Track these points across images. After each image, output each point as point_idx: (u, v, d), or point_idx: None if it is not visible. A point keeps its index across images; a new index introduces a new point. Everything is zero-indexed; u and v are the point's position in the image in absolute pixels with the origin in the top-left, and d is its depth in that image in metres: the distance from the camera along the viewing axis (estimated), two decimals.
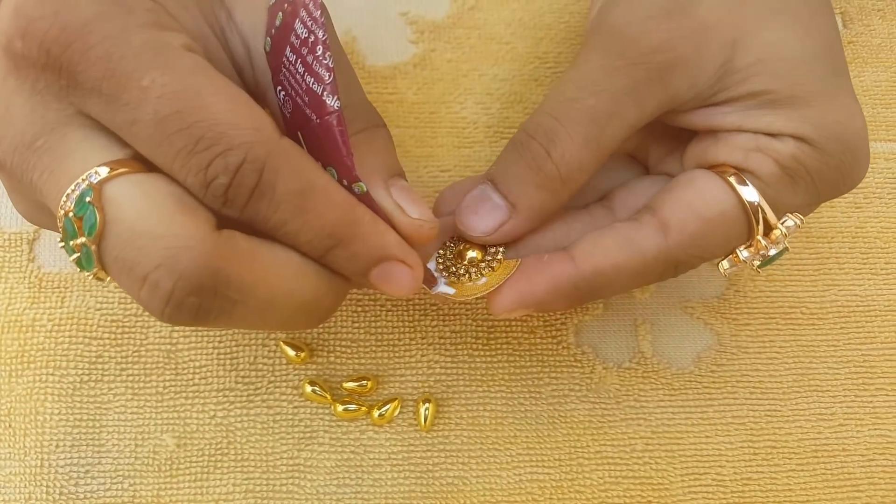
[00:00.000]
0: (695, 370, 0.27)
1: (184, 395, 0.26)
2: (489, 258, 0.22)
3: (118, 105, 0.16)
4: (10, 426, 0.25)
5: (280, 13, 0.19)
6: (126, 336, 0.27)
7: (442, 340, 0.27)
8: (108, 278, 0.17)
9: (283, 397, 0.26)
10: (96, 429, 0.26)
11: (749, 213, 0.20)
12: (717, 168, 0.21)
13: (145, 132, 0.16)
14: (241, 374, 0.26)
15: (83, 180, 0.17)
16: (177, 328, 0.27)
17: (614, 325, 0.28)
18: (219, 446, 0.26)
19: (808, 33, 0.21)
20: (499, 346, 0.27)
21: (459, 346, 0.27)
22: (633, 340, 0.27)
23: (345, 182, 0.19)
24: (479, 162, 0.29)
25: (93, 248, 0.17)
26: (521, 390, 0.27)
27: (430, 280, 0.22)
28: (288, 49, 0.18)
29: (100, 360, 0.26)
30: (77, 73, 0.16)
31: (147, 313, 0.27)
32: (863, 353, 0.28)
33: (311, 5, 0.18)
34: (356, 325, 0.27)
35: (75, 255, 0.17)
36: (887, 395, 0.27)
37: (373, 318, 0.27)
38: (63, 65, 0.16)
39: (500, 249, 0.22)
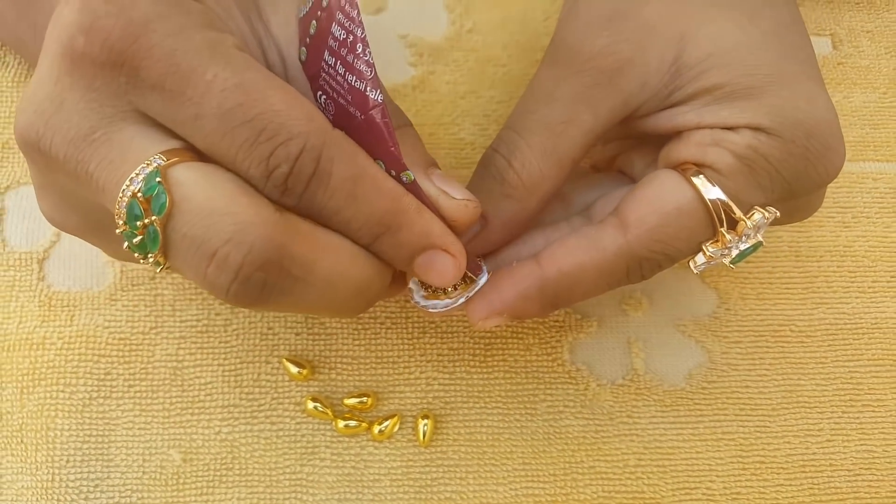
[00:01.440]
0: (686, 387, 0.28)
1: (190, 411, 0.27)
2: (464, 278, 0.22)
3: (182, 100, 0.17)
4: (21, 441, 0.26)
5: (314, 21, 0.20)
6: (134, 353, 0.27)
7: (440, 358, 0.28)
8: (166, 265, 0.18)
9: (286, 413, 0.27)
10: (105, 444, 0.26)
11: (709, 208, 0.20)
12: (679, 167, 0.21)
13: (210, 125, 0.17)
14: (246, 390, 0.27)
15: (148, 164, 0.17)
16: (183, 346, 0.27)
17: (608, 343, 0.28)
18: (224, 461, 0.26)
19: (754, 22, 0.21)
20: (495, 363, 0.28)
21: (457, 364, 0.28)
22: (627, 357, 0.28)
23: (392, 172, 0.19)
24: None
25: (160, 227, 0.17)
26: (517, 407, 0.27)
27: (475, 268, 0.22)
28: (326, 53, 0.19)
29: (108, 376, 0.27)
30: (140, 69, 0.17)
31: (154, 331, 0.27)
32: (850, 369, 0.28)
33: (346, 6, 0.18)
34: (357, 342, 0.28)
35: (138, 238, 0.18)
36: (874, 411, 0.28)
37: (373, 336, 0.28)
38: (126, 61, 0.17)
39: (478, 261, 0.23)
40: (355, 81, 0.18)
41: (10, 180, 0.29)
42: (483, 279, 0.22)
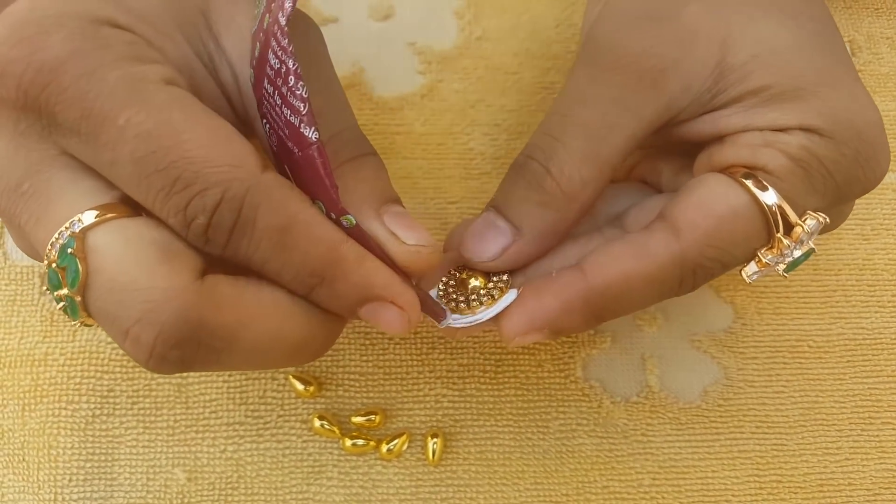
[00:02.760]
0: (702, 404, 0.27)
1: (194, 429, 0.26)
2: (490, 286, 0.21)
3: (97, 145, 0.16)
4: (23, 459, 0.26)
5: (258, 43, 0.18)
6: (137, 370, 0.27)
7: (450, 374, 0.27)
8: (96, 324, 0.17)
9: (293, 431, 0.26)
10: (108, 462, 0.26)
11: (765, 211, 0.19)
12: (726, 170, 0.20)
13: (125, 172, 0.16)
14: (251, 408, 0.27)
15: (66, 229, 0.16)
16: None
17: (622, 359, 0.28)
18: (229, 480, 0.26)
19: (799, 23, 0.21)
20: (506, 379, 0.27)
21: (467, 380, 0.27)
22: (641, 374, 0.28)
23: (333, 216, 0.18)
24: (486, 193, 0.29)
25: (77, 299, 0.17)
26: (529, 425, 0.27)
27: (438, 314, 0.21)
28: (266, 81, 0.18)
29: (111, 393, 0.27)
30: (55, 113, 0.16)
31: None
32: (869, 386, 0.28)
33: (279, 34, 0.17)
34: (364, 358, 0.27)
35: (61, 304, 0.17)
36: (894, 428, 0.27)
37: (381, 352, 0.27)
38: (41, 106, 0.16)
39: (504, 276, 0.21)
40: (290, 116, 0.17)
41: None
42: (512, 294, 0.21)
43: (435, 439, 0.26)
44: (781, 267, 0.20)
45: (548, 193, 0.20)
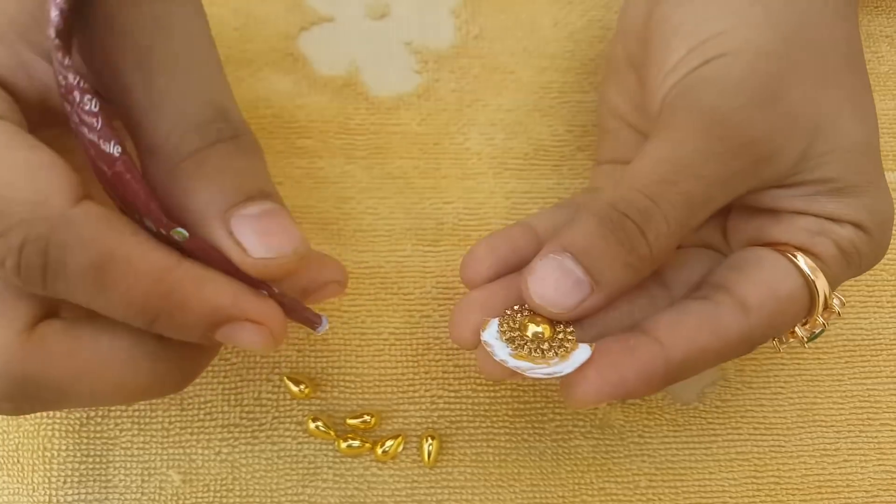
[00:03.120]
0: (699, 405, 0.27)
1: (189, 430, 0.26)
2: (560, 336, 0.20)
3: None
4: (18, 462, 0.26)
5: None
6: None
7: (445, 375, 0.27)
8: None
9: (287, 433, 0.26)
10: (103, 464, 0.26)
11: (814, 294, 0.21)
12: (777, 247, 0.21)
13: None
14: (246, 409, 0.27)
15: None
16: None
17: None
18: (224, 482, 0.26)
19: (869, 122, 0.22)
20: (502, 381, 0.27)
21: (463, 381, 0.27)
22: None
23: (163, 232, 0.16)
24: (482, 194, 0.29)
25: None
26: (525, 426, 0.27)
27: (312, 321, 0.20)
28: (64, 101, 0.16)
29: None
30: None
31: None
32: (868, 387, 0.28)
33: (53, 48, 0.15)
34: (359, 359, 0.27)
35: None
36: (892, 430, 0.27)
37: (376, 353, 0.27)
38: None
39: (570, 329, 0.21)
40: (89, 133, 0.16)
41: None
42: (586, 350, 0.20)
43: (430, 441, 0.26)
44: (806, 339, 0.23)
45: (639, 258, 0.20)
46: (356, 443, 0.26)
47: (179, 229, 0.16)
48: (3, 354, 0.16)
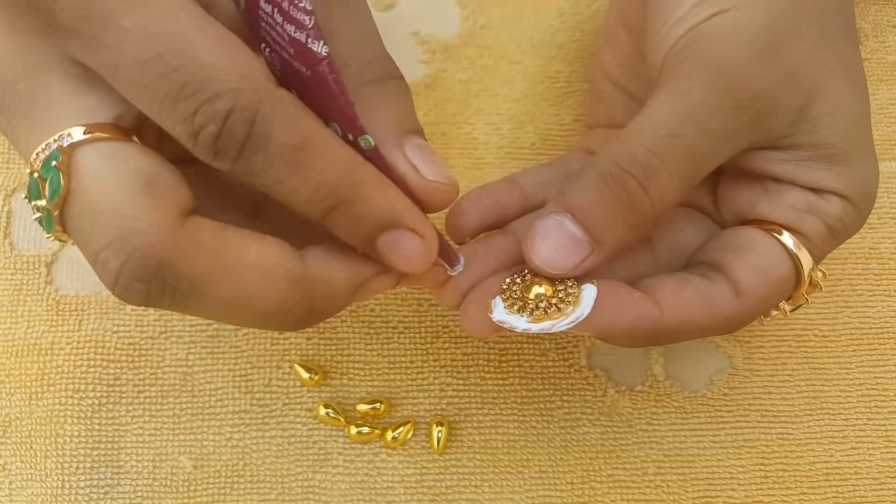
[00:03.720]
0: (707, 393, 0.27)
1: (200, 416, 0.26)
2: (561, 288, 0.21)
3: (99, 46, 0.15)
4: (31, 448, 0.26)
5: None
6: (143, 359, 0.27)
7: (454, 363, 0.27)
8: (70, 240, 0.17)
9: (298, 420, 0.26)
10: (115, 450, 0.26)
11: (801, 274, 0.21)
12: (765, 225, 0.22)
13: (128, 76, 0.16)
14: (257, 396, 0.27)
15: (54, 141, 0.16)
16: (193, 350, 0.27)
17: (627, 348, 0.28)
18: (235, 468, 0.26)
19: (861, 91, 0.22)
20: (511, 368, 0.27)
21: (472, 369, 0.27)
22: (646, 363, 0.28)
23: (350, 136, 0.17)
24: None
25: (54, 213, 0.16)
26: (534, 413, 0.27)
27: (452, 259, 0.20)
28: (262, 0, 0.17)
29: (118, 382, 0.27)
30: (54, 11, 0.16)
31: (164, 335, 0.27)
32: (875, 375, 0.28)
33: None
34: (369, 347, 0.27)
35: (37, 216, 0.17)
36: None
37: (385, 341, 0.27)
38: (39, 2, 0.16)
39: (570, 282, 0.21)
40: (295, 32, 0.16)
41: (16, 182, 0.29)
42: (592, 290, 0.20)
43: (439, 427, 0.26)
44: (789, 310, 0.23)
45: (641, 216, 0.20)
46: (366, 429, 0.26)
47: (367, 136, 0.17)
48: (155, 234, 0.16)
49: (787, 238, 0.21)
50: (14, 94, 0.17)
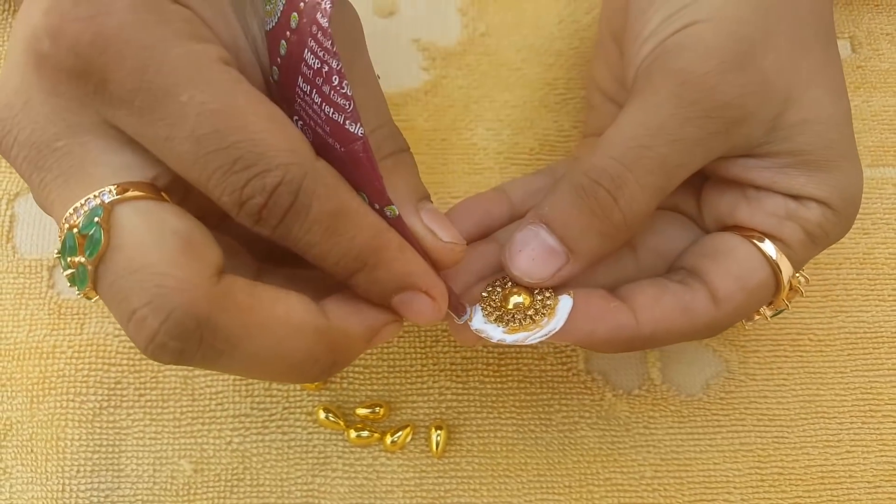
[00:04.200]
0: (703, 397, 0.28)
1: (200, 420, 0.27)
2: (540, 298, 0.21)
3: (152, 119, 0.16)
4: (31, 451, 0.26)
5: (283, 42, 0.18)
6: (144, 362, 0.27)
7: (453, 367, 0.28)
8: (96, 297, 0.17)
9: (298, 423, 0.27)
10: (116, 454, 0.26)
11: (780, 280, 0.21)
12: (745, 232, 0.22)
13: (180, 149, 0.16)
14: (257, 400, 0.27)
15: (95, 197, 0.16)
16: None
17: (624, 353, 0.28)
18: (235, 472, 0.26)
19: (841, 97, 0.22)
20: (509, 372, 0.27)
21: (470, 373, 0.27)
22: (643, 367, 0.28)
23: (376, 206, 0.19)
24: (489, 188, 0.30)
25: (90, 268, 0.16)
26: (532, 417, 0.27)
27: (458, 309, 0.22)
28: (300, 80, 0.18)
29: (119, 385, 0.27)
30: (109, 81, 0.16)
31: None
32: (870, 379, 0.28)
33: (319, 35, 0.17)
34: (369, 351, 0.28)
35: (70, 272, 0.17)
36: (894, 421, 0.27)
37: (385, 345, 0.28)
38: (94, 71, 0.16)
39: (548, 292, 0.21)
40: (333, 114, 0.18)
41: (19, 187, 0.29)
42: (567, 301, 0.21)
43: (438, 431, 0.26)
44: (770, 314, 0.23)
45: (613, 226, 0.20)
46: (365, 433, 0.26)
47: (393, 206, 0.19)
48: (194, 293, 0.16)
49: (766, 245, 0.21)
50: (52, 151, 0.17)
